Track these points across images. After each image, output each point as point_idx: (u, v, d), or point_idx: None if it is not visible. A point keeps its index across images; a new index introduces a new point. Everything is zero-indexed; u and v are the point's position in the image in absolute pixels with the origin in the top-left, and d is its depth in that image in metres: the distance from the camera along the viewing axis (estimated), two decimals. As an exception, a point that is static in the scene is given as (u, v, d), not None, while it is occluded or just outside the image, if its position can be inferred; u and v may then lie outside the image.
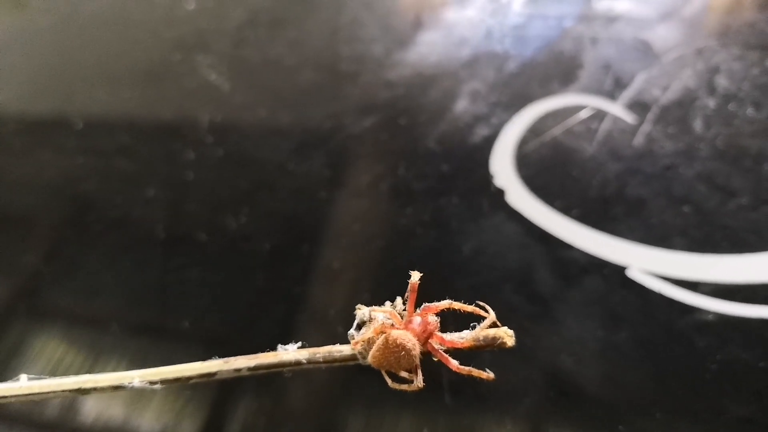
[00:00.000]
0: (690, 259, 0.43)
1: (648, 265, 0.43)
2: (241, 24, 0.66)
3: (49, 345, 0.48)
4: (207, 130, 0.57)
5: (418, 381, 0.24)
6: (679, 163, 0.48)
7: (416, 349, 0.24)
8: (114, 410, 0.44)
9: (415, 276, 0.24)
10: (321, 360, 0.26)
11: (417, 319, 0.24)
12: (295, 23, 0.65)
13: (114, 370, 0.44)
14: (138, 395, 0.44)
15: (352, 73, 0.59)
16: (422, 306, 0.25)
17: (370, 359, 0.24)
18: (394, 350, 0.24)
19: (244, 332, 0.47)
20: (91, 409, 0.44)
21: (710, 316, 0.41)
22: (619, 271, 0.44)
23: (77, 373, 0.41)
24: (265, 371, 0.26)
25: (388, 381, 0.24)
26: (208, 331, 0.48)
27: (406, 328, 0.24)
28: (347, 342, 0.25)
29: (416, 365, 0.24)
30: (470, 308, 0.25)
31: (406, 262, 0.46)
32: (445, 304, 0.25)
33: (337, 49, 0.61)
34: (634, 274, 0.43)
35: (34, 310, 0.51)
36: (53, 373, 0.26)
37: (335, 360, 0.26)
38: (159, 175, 0.56)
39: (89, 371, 0.44)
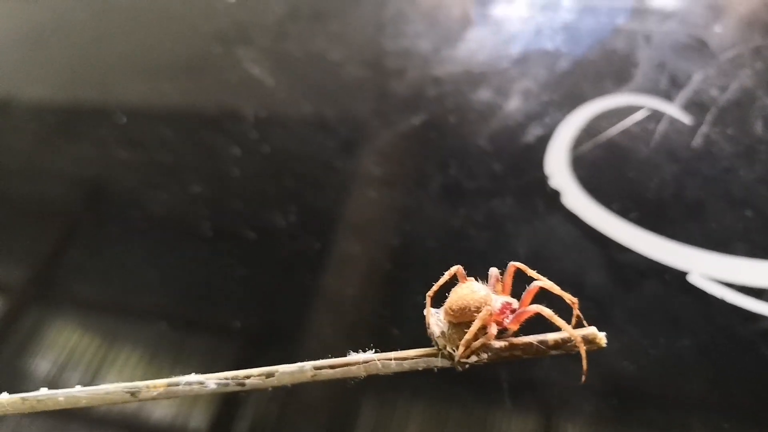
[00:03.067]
0: (753, 264, 0.43)
1: (709, 270, 0.43)
2: (282, 17, 0.65)
3: (82, 338, 0.48)
4: (252, 125, 0.57)
5: (492, 330, 0.24)
6: (740, 166, 0.47)
7: (488, 294, 0.25)
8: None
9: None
10: (392, 358, 0.25)
11: (500, 297, 0.26)
12: (338, 17, 0.64)
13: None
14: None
15: (398, 69, 0.58)
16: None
17: (447, 305, 0.25)
18: (465, 288, 0.25)
19: (290, 336, 0.46)
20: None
21: (776, 325, 0.40)
22: (679, 276, 0.43)
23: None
24: (330, 373, 0.26)
25: (456, 354, 0.24)
26: (251, 330, 0.47)
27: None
28: (403, 347, 0.25)
29: (489, 311, 0.24)
30: (558, 290, 0.25)
31: (458, 264, 0.45)
32: (537, 285, 0.25)
33: (381, 43, 0.60)
34: (696, 279, 0.42)
35: (73, 307, 0.51)
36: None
37: (408, 357, 0.25)
38: (203, 170, 0.56)
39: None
